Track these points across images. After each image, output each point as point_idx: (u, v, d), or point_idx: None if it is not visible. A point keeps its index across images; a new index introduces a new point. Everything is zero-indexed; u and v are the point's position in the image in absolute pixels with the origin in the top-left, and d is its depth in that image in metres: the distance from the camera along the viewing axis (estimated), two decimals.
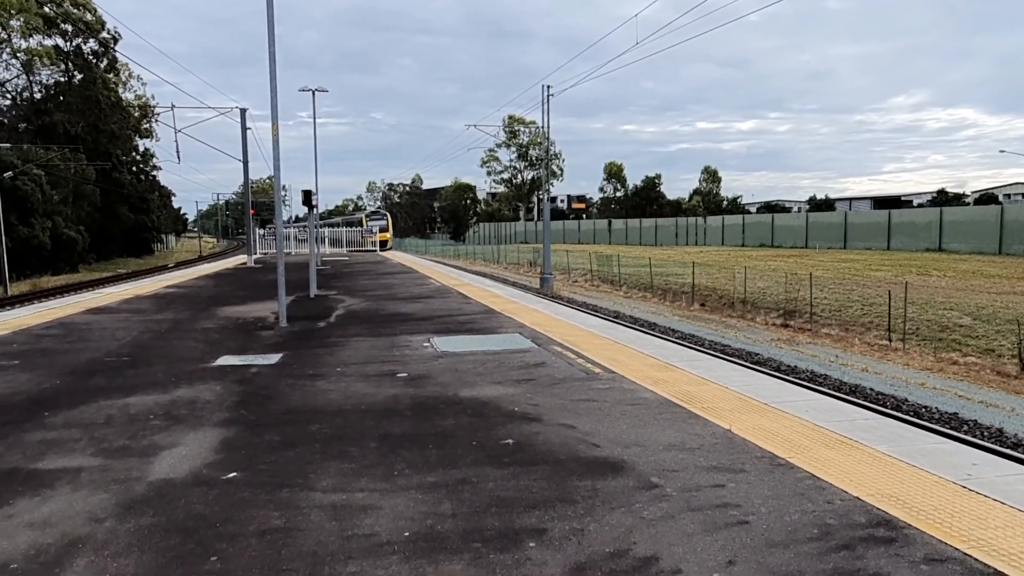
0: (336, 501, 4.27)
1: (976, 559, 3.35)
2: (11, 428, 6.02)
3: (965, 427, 9.51)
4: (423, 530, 3.84)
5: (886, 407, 10.26)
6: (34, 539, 3.83)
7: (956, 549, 3.46)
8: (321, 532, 3.84)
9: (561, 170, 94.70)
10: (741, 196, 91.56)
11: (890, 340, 16.96)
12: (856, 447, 4.98)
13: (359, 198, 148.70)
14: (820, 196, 77.40)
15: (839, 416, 5.77)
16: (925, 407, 10.68)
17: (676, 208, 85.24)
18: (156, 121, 61.33)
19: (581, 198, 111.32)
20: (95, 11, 59.25)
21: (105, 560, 3.56)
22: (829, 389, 11.22)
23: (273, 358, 9.02)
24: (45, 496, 4.45)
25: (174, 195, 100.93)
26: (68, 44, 59.58)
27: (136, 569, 3.46)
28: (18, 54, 57.07)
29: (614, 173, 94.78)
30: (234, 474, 4.77)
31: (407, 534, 3.80)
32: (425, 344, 9.81)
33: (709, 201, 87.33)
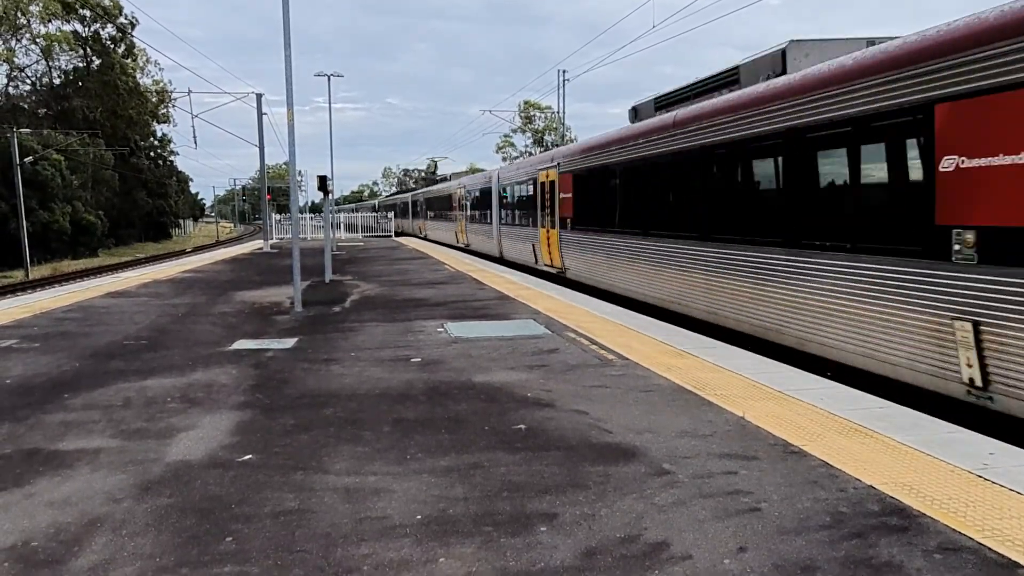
0: (349, 484, 4.31)
1: (991, 549, 3.33)
2: (32, 409, 6.12)
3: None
4: (435, 513, 3.87)
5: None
6: (54, 518, 3.90)
7: (970, 538, 3.43)
8: (334, 514, 3.88)
9: None
10: None
11: None
12: (871, 435, 4.94)
13: (374, 183, 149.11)
14: None
15: (854, 404, 5.73)
16: None
17: None
18: (173, 106, 61.58)
19: None
20: None
21: (123, 539, 3.63)
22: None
23: (288, 342, 9.09)
24: (65, 476, 4.53)
25: (191, 180, 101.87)
26: (86, 29, 59.98)
27: (153, 548, 3.52)
28: (37, 40, 57.55)
29: None
30: (249, 456, 4.83)
31: (419, 517, 3.83)
32: (439, 329, 9.85)
33: None
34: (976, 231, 6.07)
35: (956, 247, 6.27)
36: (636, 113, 14.86)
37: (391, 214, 55.99)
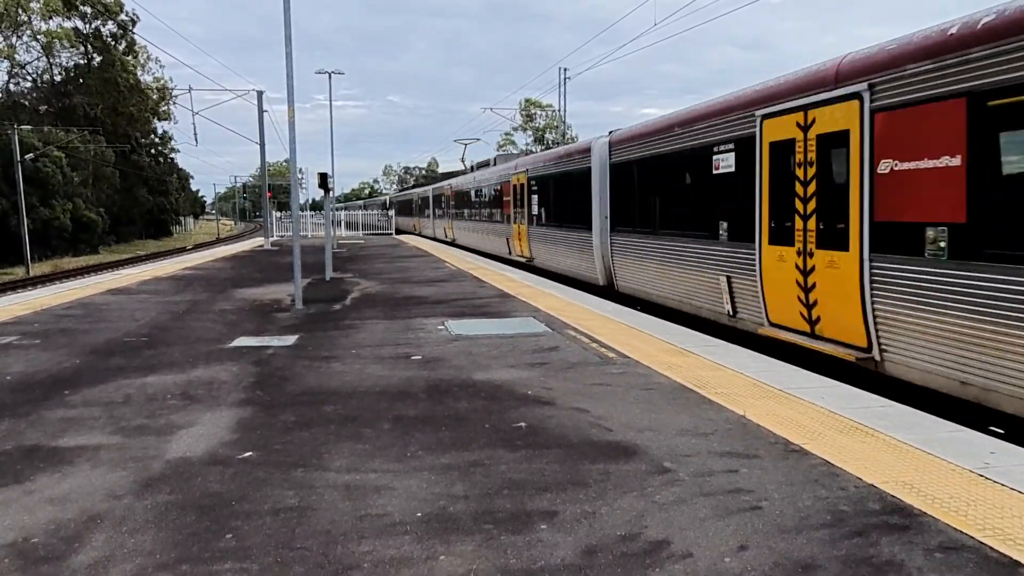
0: (350, 481, 4.31)
1: (992, 548, 3.32)
2: (33, 406, 6.12)
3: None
4: (435, 511, 3.87)
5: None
6: (54, 514, 3.90)
7: (971, 537, 3.42)
8: (335, 511, 3.88)
9: None
10: None
11: None
12: (871, 434, 4.94)
13: (375, 181, 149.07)
14: None
15: (855, 403, 5.72)
16: None
17: None
18: (174, 103, 61.62)
19: None
20: None
21: (123, 536, 3.62)
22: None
23: (289, 340, 9.09)
24: (65, 473, 4.53)
25: (192, 177, 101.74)
26: (87, 26, 59.93)
27: (153, 545, 3.52)
28: (38, 36, 57.52)
29: None
30: (250, 453, 4.83)
31: (419, 515, 3.82)
32: (439, 327, 9.84)
33: None
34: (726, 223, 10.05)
35: (721, 233, 10.36)
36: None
37: (392, 212, 55.74)
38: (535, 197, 20.45)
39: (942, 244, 6.51)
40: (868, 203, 7.43)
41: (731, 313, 10.27)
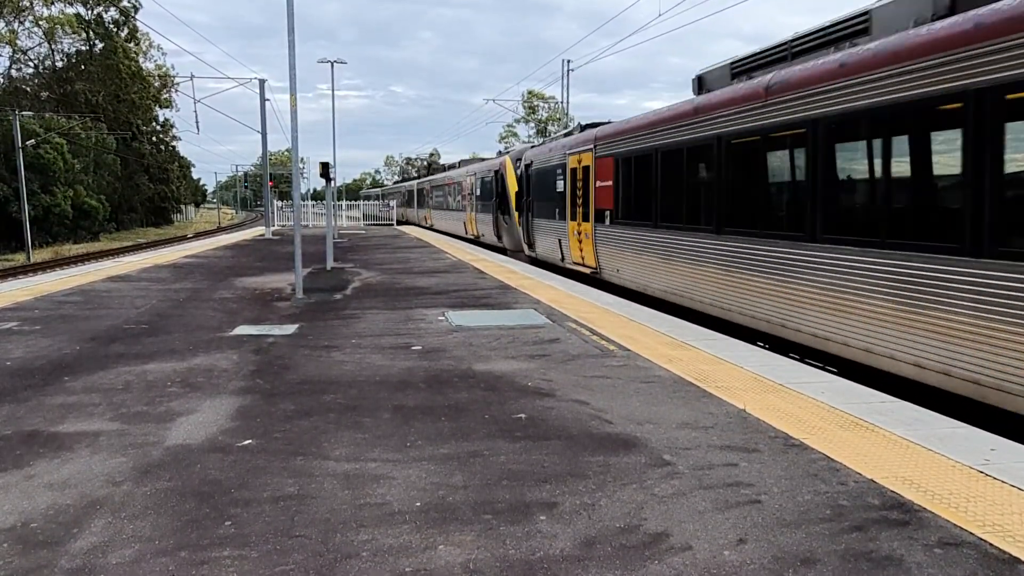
0: (349, 470, 4.30)
1: (991, 544, 3.32)
2: (33, 392, 6.12)
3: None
4: (435, 501, 3.86)
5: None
6: (53, 500, 3.90)
7: (971, 533, 3.42)
8: (334, 500, 3.88)
9: None
10: None
11: None
12: (872, 429, 4.93)
13: (377, 172, 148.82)
14: None
15: (856, 398, 5.71)
16: None
17: None
18: (176, 91, 61.47)
19: None
20: None
21: (122, 522, 3.62)
22: None
23: (289, 329, 9.09)
24: (65, 458, 4.53)
25: (193, 166, 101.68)
26: (89, 12, 59.71)
27: (152, 531, 3.52)
28: (40, 22, 57.32)
29: None
30: (249, 441, 4.82)
31: (419, 504, 3.82)
32: (440, 318, 9.83)
33: None
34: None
35: (557, 215, 17.19)
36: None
37: (393, 202, 55.63)
38: (478, 192, 29.39)
39: (609, 217, 14.37)
40: (593, 199, 15.22)
41: (561, 258, 17.72)
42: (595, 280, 14.90)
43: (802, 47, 8.98)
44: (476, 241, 29.07)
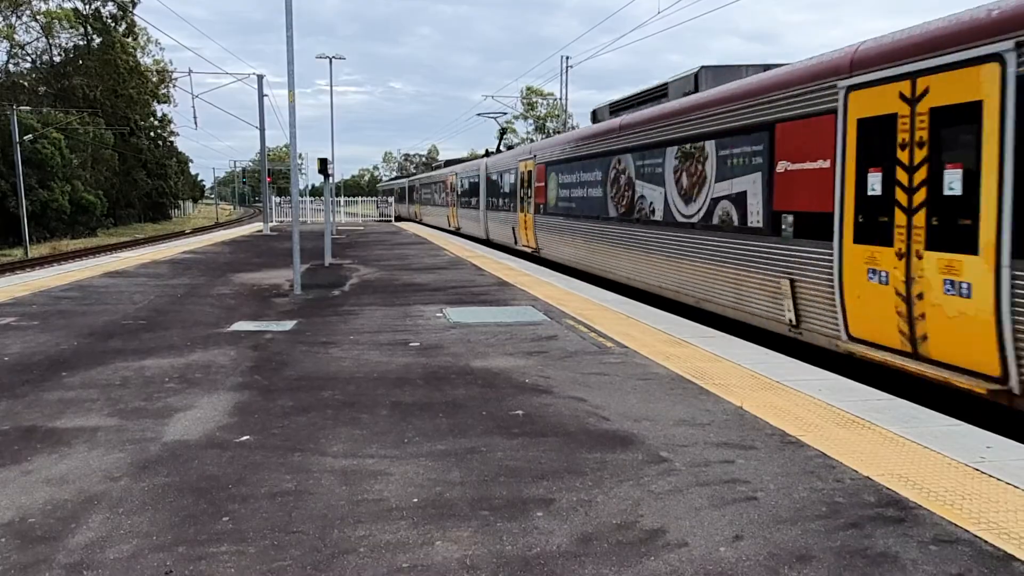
0: (347, 466, 4.31)
1: (986, 541, 3.33)
2: (30, 387, 6.12)
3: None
4: (432, 497, 3.87)
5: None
6: (51, 495, 3.91)
7: (966, 531, 3.44)
8: (331, 496, 3.89)
9: None
10: None
11: None
12: (868, 427, 4.95)
13: (375, 168, 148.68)
14: None
15: (852, 396, 5.73)
16: None
17: None
18: (174, 86, 61.41)
19: None
20: None
21: (120, 517, 3.63)
22: None
23: (287, 325, 9.09)
24: (62, 454, 4.53)
25: (191, 161, 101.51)
26: (87, 7, 59.56)
27: (150, 527, 3.52)
28: (38, 17, 57.16)
29: None
30: (247, 437, 4.83)
31: (416, 500, 3.83)
32: (438, 315, 9.84)
33: None
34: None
35: (514, 207, 21.70)
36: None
37: (391, 199, 55.61)
38: (459, 190, 32.59)
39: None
40: (533, 196, 19.28)
41: (514, 241, 22.33)
42: (535, 257, 19.79)
43: (643, 99, 13.93)
44: (457, 232, 33.15)
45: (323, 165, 17.91)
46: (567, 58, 37.81)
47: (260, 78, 34.43)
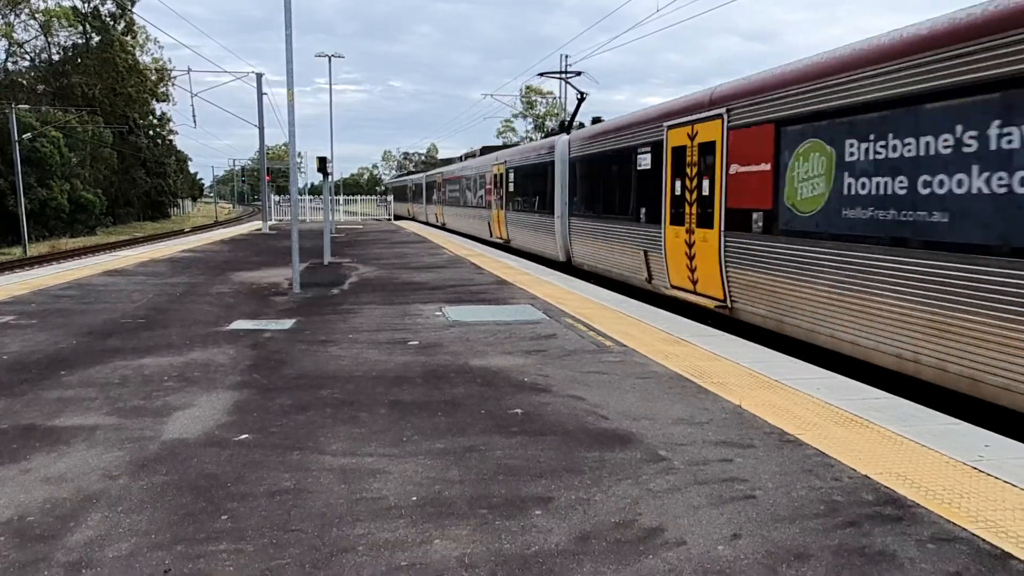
0: (346, 465, 4.31)
1: (984, 539, 3.34)
2: (29, 386, 6.12)
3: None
4: (430, 495, 3.88)
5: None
6: (50, 493, 3.91)
7: (964, 529, 3.44)
8: (330, 494, 3.89)
9: None
10: None
11: None
12: (867, 426, 4.95)
13: (374, 166, 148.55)
14: None
15: (851, 394, 5.73)
16: None
17: None
18: (173, 85, 61.33)
19: None
20: None
21: (119, 515, 3.63)
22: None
23: (286, 323, 9.08)
24: (61, 452, 4.53)
25: (190, 160, 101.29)
26: (85, 5, 59.45)
27: (148, 525, 3.52)
28: (36, 15, 57.06)
29: None
30: (246, 436, 4.83)
31: (415, 499, 3.83)
32: (437, 313, 9.84)
33: None
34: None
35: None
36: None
37: (390, 197, 55.43)
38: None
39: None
40: (504, 195, 24.02)
41: (489, 234, 26.69)
42: (507, 247, 23.10)
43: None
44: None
45: (322, 164, 17.90)
46: (566, 57, 37.79)
47: (259, 76, 34.42)
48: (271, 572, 3.11)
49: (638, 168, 12.85)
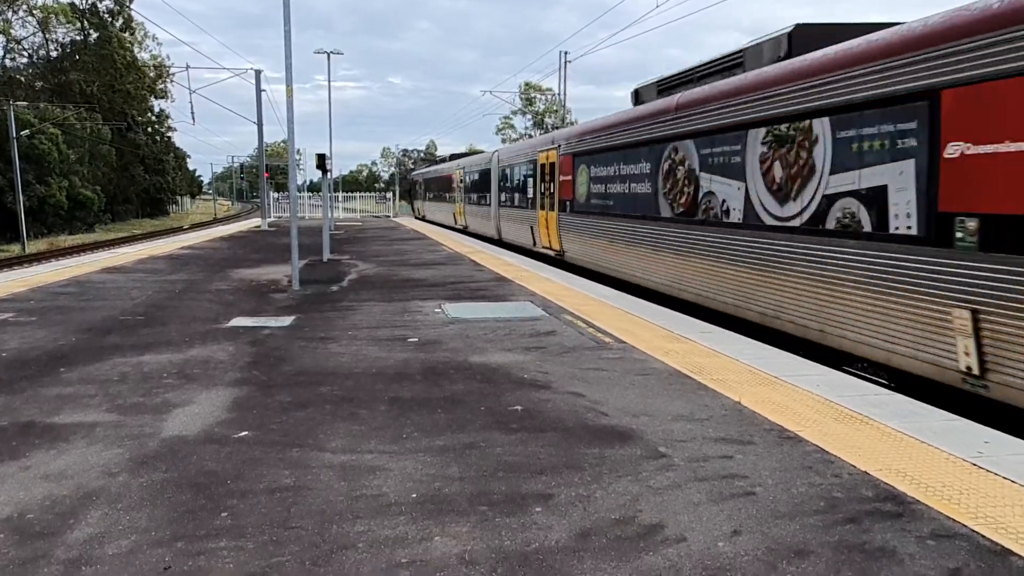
0: (345, 462, 4.31)
1: (984, 536, 3.34)
2: (28, 383, 6.11)
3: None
4: (430, 492, 3.88)
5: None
6: (50, 491, 3.90)
7: (964, 525, 3.44)
8: (330, 492, 3.89)
9: None
10: None
11: None
12: (866, 422, 4.96)
13: (373, 163, 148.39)
14: None
15: (851, 391, 5.74)
16: None
17: None
18: (171, 82, 61.22)
19: None
20: None
21: (118, 513, 3.63)
22: None
23: (285, 320, 9.08)
24: (61, 449, 4.53)
25: (189, 157, 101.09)
26: (84, 2, 59.26)
27: (148, 523, 3.52)
28: (34, 11, 56.90)
29: None
30: (245, 433, 4.83)
31: (415, 495, 3.83)
32: (436, 310, 9.83)
33: None
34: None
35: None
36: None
37: (389, 194, 55.31)
38: (430, 186, 36.77)
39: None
40: (464, 193, 31.29)
41: (454, 222, 33.24)
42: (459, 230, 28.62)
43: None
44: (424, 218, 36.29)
45: (321, 160, 17.87)
46: (565, 53, 37.70)
47: (258, 73, 34.35)
48: (271, 569, 3.11)
49: (528, 175, 20.46)
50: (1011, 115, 5.63)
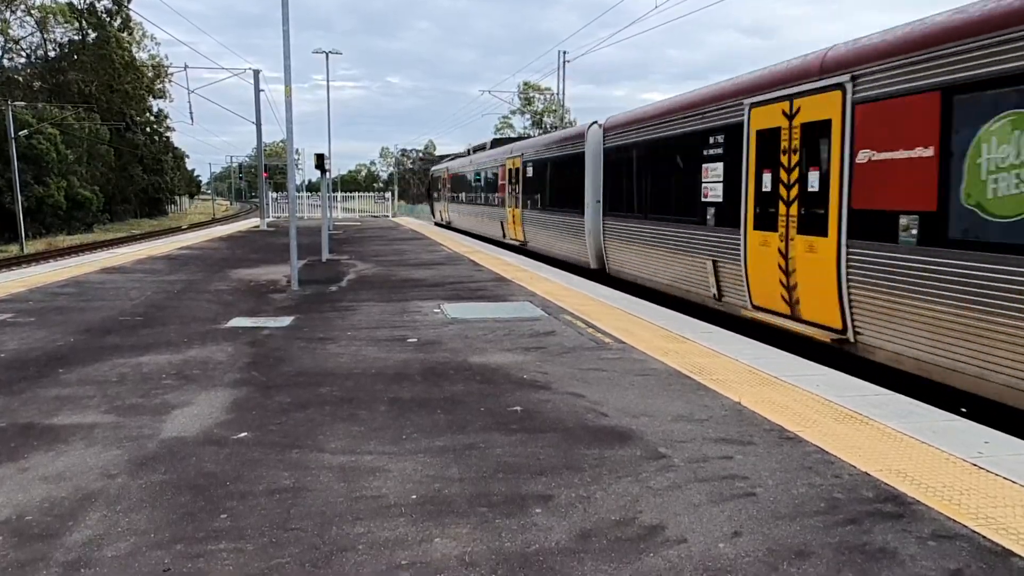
0: (345, 463, 4.30)
1: (985, 536, 3.34)
2: (27, 384, 6.10)
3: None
4: (430, 493, 3.87)
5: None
6: (48, 492, 3.89)
7: (964, 526, 3.44)
8: (330, 493, 3.88)
9: None
10: None
11: None
12: (866, 422, 4.95)
13: (372, 163, 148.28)
14: None
15: (851, 391, 5.73)
16: None
17: None
18: (170, 82, 61.16)
19: None
20: None
21: (117, 515, 3.62)
22: None
23: (285, 321, 9.07)
24: (59, 451, 4.51)
25: (188, 157, 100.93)
26: (82, 1, 59.19)
27: (147, 524, 3.51)
28: (32, 11, 56.84)
29: None
30: (244, 434, 4.82)
31: (414, 497, 3.83)
32: (436, 310, 9.83)
33: None
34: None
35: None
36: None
37: (388, 194, 55.29)
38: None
39: None
40: (448, 192, 35.74)
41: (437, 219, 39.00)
42: (449, 227, 30.52)
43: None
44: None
45: (320, 160, 17.85)
46: (564, 53, 37.61)
47: (256, 73, 34.32)
48: (271, 571, 3.10)
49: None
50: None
